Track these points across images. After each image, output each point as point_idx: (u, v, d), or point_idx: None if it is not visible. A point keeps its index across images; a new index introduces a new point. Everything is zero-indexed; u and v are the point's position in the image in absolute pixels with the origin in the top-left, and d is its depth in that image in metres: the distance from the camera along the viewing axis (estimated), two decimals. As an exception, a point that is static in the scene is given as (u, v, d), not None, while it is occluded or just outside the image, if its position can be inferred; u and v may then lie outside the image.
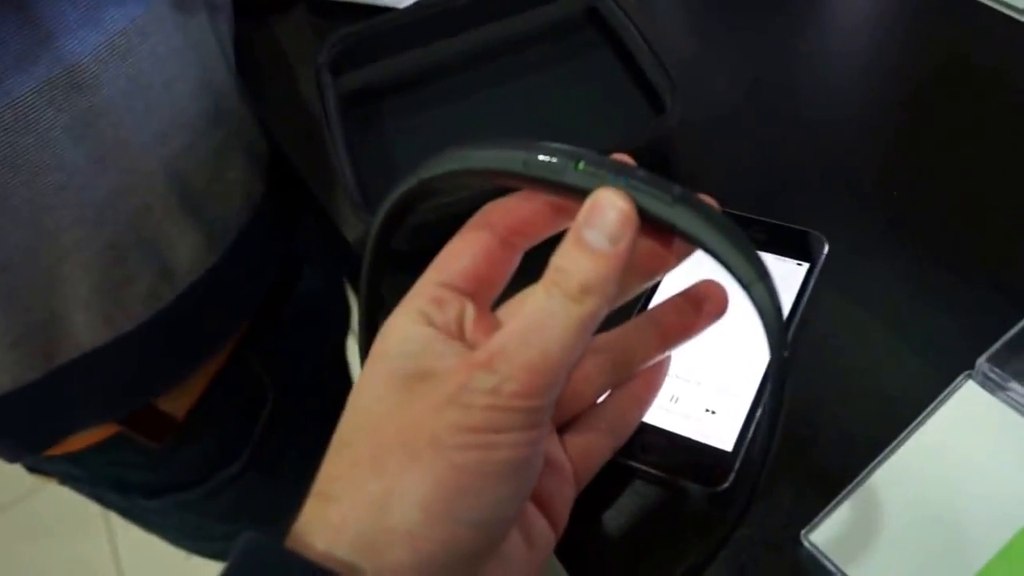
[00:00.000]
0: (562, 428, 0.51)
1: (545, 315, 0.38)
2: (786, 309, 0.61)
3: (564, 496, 0.47)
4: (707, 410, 0.59)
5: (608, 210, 0.38)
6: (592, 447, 0.50)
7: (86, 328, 0.74)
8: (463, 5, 0.80)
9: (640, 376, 0.50)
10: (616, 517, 0.57)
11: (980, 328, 0.59)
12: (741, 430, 0.57)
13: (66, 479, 0.92)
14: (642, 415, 0.52)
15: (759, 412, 0.58)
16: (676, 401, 0.59)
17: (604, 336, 0.49)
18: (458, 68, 0.81)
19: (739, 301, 0.60)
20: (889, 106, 0.78)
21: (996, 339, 0.58)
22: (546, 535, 0.45)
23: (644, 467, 0.57)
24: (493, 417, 0.37)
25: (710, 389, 0.60)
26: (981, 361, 0.57)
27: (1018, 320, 0.59)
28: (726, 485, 0.55)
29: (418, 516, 0.36)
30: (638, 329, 0.49)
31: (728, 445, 0.57)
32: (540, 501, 0.46)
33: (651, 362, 0.50)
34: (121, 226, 0.72)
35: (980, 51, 0.81)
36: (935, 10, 0.86)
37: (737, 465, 0.56)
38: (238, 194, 0.83)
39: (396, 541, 0.36)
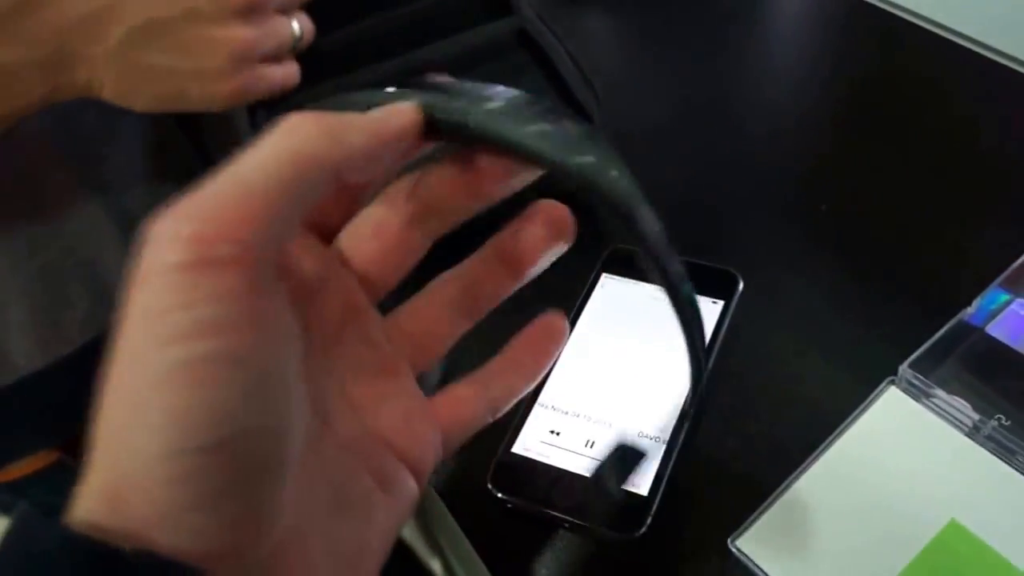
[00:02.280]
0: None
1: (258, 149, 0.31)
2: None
3: (426, 442, 0.39)
4: None
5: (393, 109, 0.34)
6: (464, 402, 0.42)
7: (22, 352, 0.72)
8: (391, 30, 0.80)
9: (526, 339, 0.44)
10: (529, 567, 0.56)
11: (902, 336, 0.60)
12: (657, 474, 0.57)
13: (4, 509, 0.89)
14: (525, 386, 0.43)
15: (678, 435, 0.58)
16: (591, 445, 0.59)
17: (448, 272, 0.42)
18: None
19: (648, 343, 0.63)
20: (812, 122, 0.80)
21: (918, 346, 0.59)
22: (407, 486, 0.38)
23: (557, 514, 0.56)
24: (180, 283, 0.27)
25: (625, 432, 0.59)
26: (903, 367, 0.58)
27: (939, 328, 0.60)
28: (643, 530, 0.55)
29: (139, 455, 0.28)
30: (482, 260, 0.42)
31: (644, 489, 0.56)
32: (398, 442, 0.38)
33: (503, 295, 0.42)
34: (56, 250, 0.71)
35: (905, 68, 0.84)
36: (858, 28, 0.88)
37: (654, 510, 0.55)
38: None
39: (131, 489, 0.28)
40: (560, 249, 0.40)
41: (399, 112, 0.34)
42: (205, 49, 0.57)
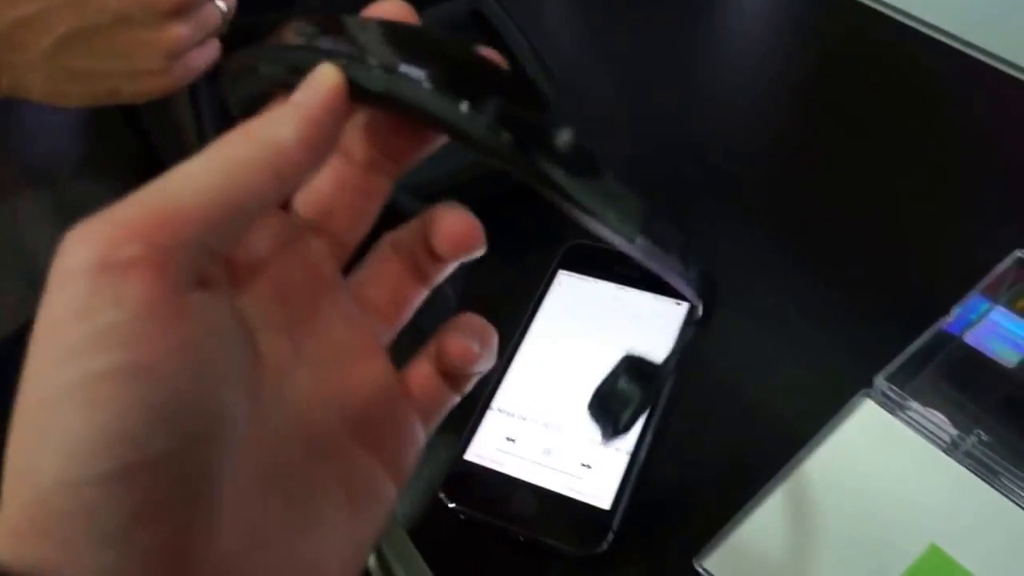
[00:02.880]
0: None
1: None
2: (667, 352, 0.59)
3: (406, 430, 0.36)
4: (583, 464, 0.55)
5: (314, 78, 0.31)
6: (428, 379, 0.37)
7: None
8: (340, 7, 0.77)
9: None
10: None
11: (878, 346, 0.57)
12: (620, 486, 0.53)
13: None
14: (481, 349, 0.37)
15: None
16: (549, 454, 0.56)
17: (393, 233, 0.38)
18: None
19: (609, 344, 0.59)
20: (789, 123, 0.78)
21: (894, 357, 0.56)
22: (383, 492, 0.34)
23: (513, 527, 0.53)
24: (82, 289, 0.25)
25: (586, 441, 0.56)
26: (879, 379, 0.55)
27: (916, 337, 0.57)
28: (604, 547, 0.51)
29: (40, 486, 0.25)
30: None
31: (606, 503, 0.53)
32: (376, 435, 0.34)
33: None
34: None
35: (872, 59, 0.81)
36: (830, 23, 0.86)
37: (615, 525, 0.52)
38: (113, 202, 0.79)
39: (34, 525, 0.25)
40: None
41: (320, 87, 0.30)
42: (137, 52, 0.56)
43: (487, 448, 0.56)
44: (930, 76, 0.80)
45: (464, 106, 0.29)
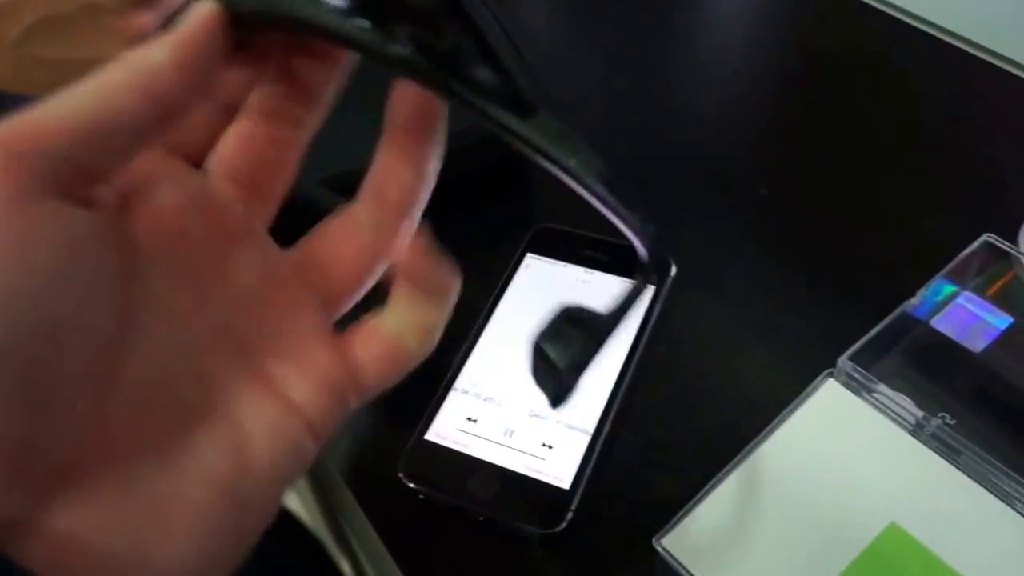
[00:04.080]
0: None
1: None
2: (631, 333, 0.58)
3: (328, 390, 0.34)
4: (544, 444, 0.54)
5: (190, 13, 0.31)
6: (377, 332, 0.36)
7: None
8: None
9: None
10: (442, 564, 0.53)
11: (844, 328, 0.57)
12: (580, 466, 0.53)
13: None
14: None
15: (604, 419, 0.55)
16: (510, 435, 0.55)
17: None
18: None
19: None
20: (754, 105, 0.78)
21: (858, 340, 0.56)
22: (273, 418, 0.32)
23: (473, 507, 0.52)
24: None
25: (548, 422, 0.55)
26: (843, 359, 0.55)
27: (880, 320, 0.56)
28: (563, 526, 0.51)
29: None
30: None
31: (566, 483, 0.53)
32: (294, 390, 0.33)
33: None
34: None
35: (851, 52, 0.81)
36: (803, 10, 0.86)
37: (575, 504, 0.52)
38: None
39: None
40: None
41: (196, 14, 0.31)
42: (104, 40, 0.56)
43: (448, 428, 0.55)
44: (904, 65, 0.80)
45: (342, 6, 0.29)
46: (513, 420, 0.55)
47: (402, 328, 0.36)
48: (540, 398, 0.54)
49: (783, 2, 0.88)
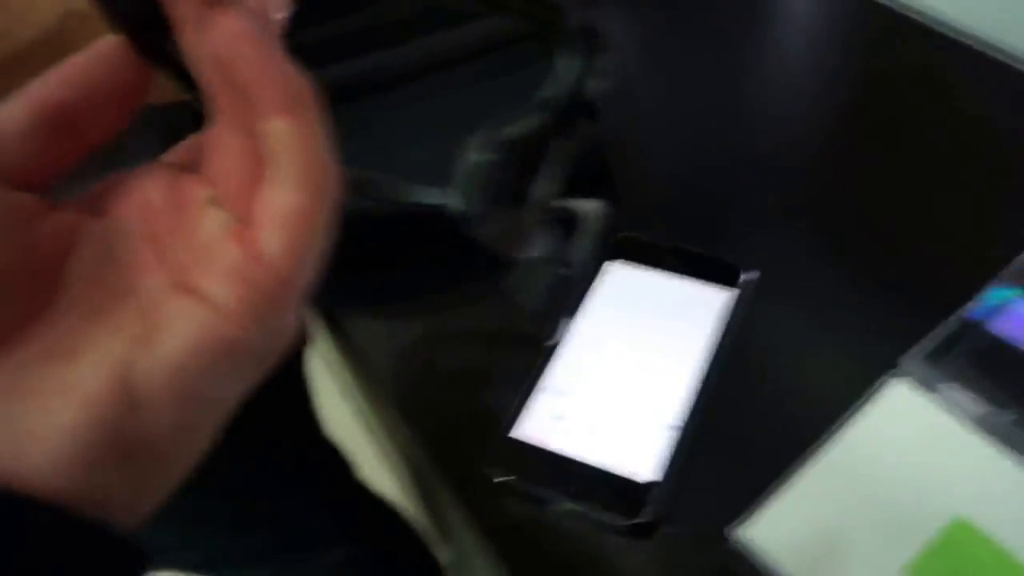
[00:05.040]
0: None
1: None
2: (711, 335, 0.62)
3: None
4: (627, 440, 0.58)
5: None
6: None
7: None
8: (402, 18, 0.79)
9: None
10: (533, 553, 0.56)
11: (909, 329, 0.60)
12: (662, 460, 0.56)
13: None
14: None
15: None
16: (595, 431, 0.59)
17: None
18: (407, 76, 0.80)
19: (654, 329, 0.63)
20: (819, 117, 0.81)
21: (921, 340, 0.59)
22: (185, 308, 0.32)
23: (560, 500, 0.56)
24: None
25: (631, 418, 0.59)
26: (905, 359, 0.58)
27: (940, 323, 0.60)
28: (645, 517, 0.54)
29: None
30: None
31: (648, 476, 0.56)
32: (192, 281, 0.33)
33: None
34: None
35: (912, 67, 0.84)
36: (867, 27, 0.89)
37: (657, 497, 0.55)
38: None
39: None
40: None
41: (93, 47, 0.34)
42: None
43: (534, 426, 0.59)
44: (964, 78, 0.83)
45: None
46: (597, 417, 0.59)
47: (281, 180, 0.33)
48: (623, 396, 0.58)
49: (843, 21, 0.90)
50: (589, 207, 0.34)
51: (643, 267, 0.67)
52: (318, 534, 0.93)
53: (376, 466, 1.33)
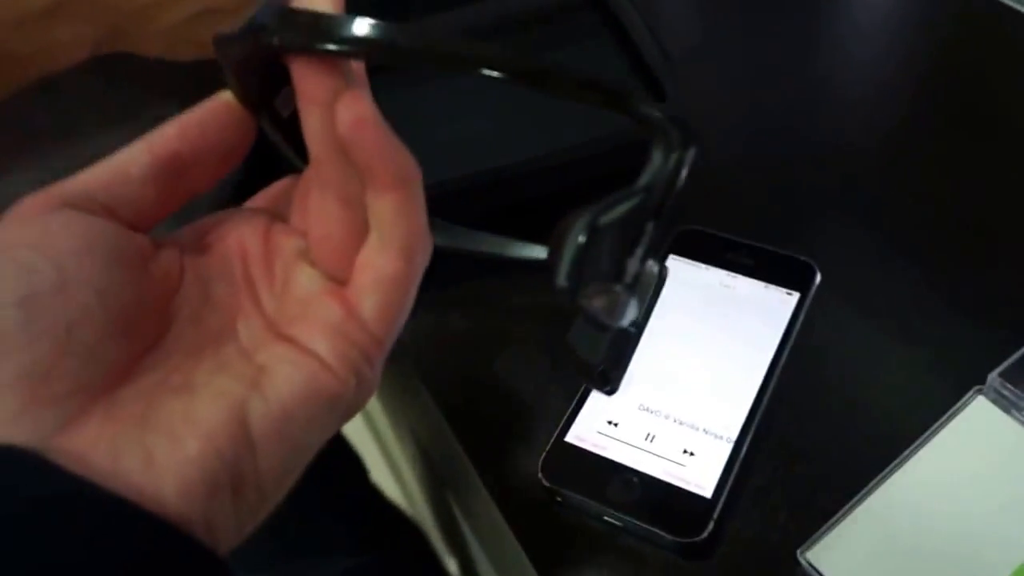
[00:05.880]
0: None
1: None
2: (775, 341, 0.58)
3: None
4: (685, 451, 0.54)
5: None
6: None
7: None
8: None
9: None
10: (578, 568, 0.53)
11: (992, 343, 0.56)
12: (722, 475, 0.53)
13: None
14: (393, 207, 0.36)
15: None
16: (651, 440, 0.55)
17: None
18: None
19: (716, 332, 0.59)
20: (907, 113, 0.76)
21: (1009, 355, 0.55)
22: (292, 357, 0.36)
23: (612, 511, 0.52)
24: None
25: (689, 428, 0.55)
26: (993, 376, 0.54)
27: (1030, 338, 0.56)
28: (704, 536, 0.51)
29: None
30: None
31: (707, 491, 0.52)
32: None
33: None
34: None
35: (1010, 63, 0.79)
36: (962, 18, 0.84)
37: (717, 514, 0.51)
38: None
39: None
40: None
41: (212, 100, 0.38)
42: None
43: (588, 431, 0.56)
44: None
45: None
46: (654, 425, 0.55)
47: (384, 249, 0.37)
48: (681, 403, 0.55)
49: (925, 7, 0.86)
50: (656, 270, 0.37)
51: (706, 264, 0.63)
52: (327, 541, 0.92)
53: (386, 472, 1.32)
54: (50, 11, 0.52)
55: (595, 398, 0.57)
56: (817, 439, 0.55)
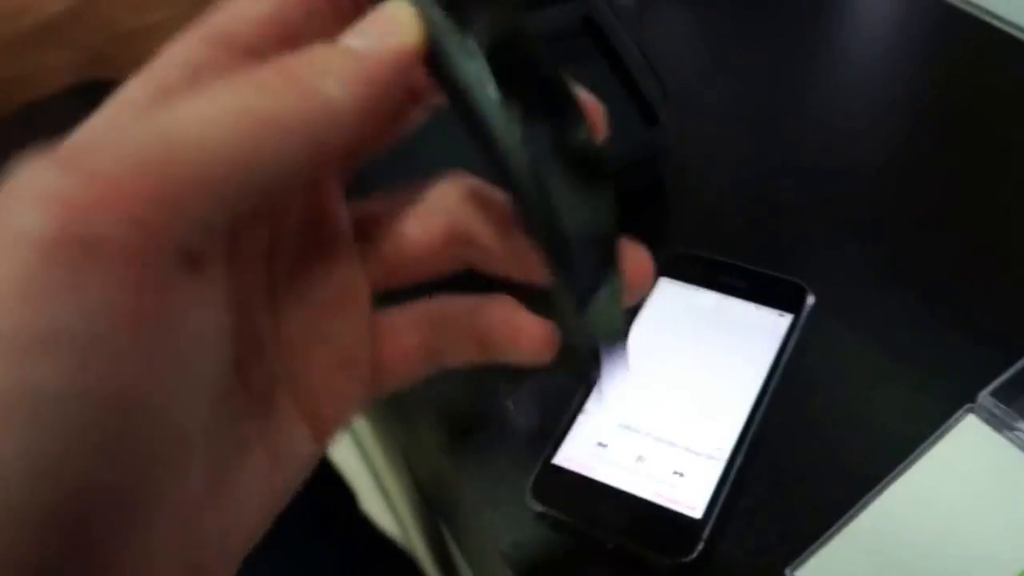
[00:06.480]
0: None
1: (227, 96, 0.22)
2: (767, 362, 0.58)
3: (341, 390, 0.31)
4: (675, 472, 0.54)
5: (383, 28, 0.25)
6: (403, 347, 0.34)
7: None
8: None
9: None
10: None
11: (983, 362, 0.56)
12: (712, 495, 0.52)
13: None
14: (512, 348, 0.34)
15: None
16: (641, 461, 0.55)
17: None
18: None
19: (706, 354, 0.59)
20: (893, 131, 0.77)
21: (1000, 374, 0.55)
22: (303, 445, 0.30)
23: (602, 534, 0.52)
24: (31, 266, 0.19)
25: (679, 449, 0.55)
26: (983, 395, 0.54)
27: (1020, 357, 0.55)
28: (694, 556, 0.50)
29: None
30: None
31: (697, 512, 0.52)
32: (302, 393, 0.30)
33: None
34: None
35: (995, 81, 0.79)
36: (946, 35, 0.84)
37: (706, 534, 0.51)
38: None
39: None
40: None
41: (393, 38, 0.24)
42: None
43: (577, 452, 0.55)
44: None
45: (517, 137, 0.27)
46: (644, 446, 0.55)
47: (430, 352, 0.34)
48: (671, 424, 0.54)
49: (920, 28, 0.86)
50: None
51: (696, 286, 0.63)
52: (317, 567, 0.91)
53: (378, 499, 1.32)
54: (38, 36, 0.53)
55: (583, 420, 0.57)
56: (807, 459, 0.55)
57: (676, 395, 0.57)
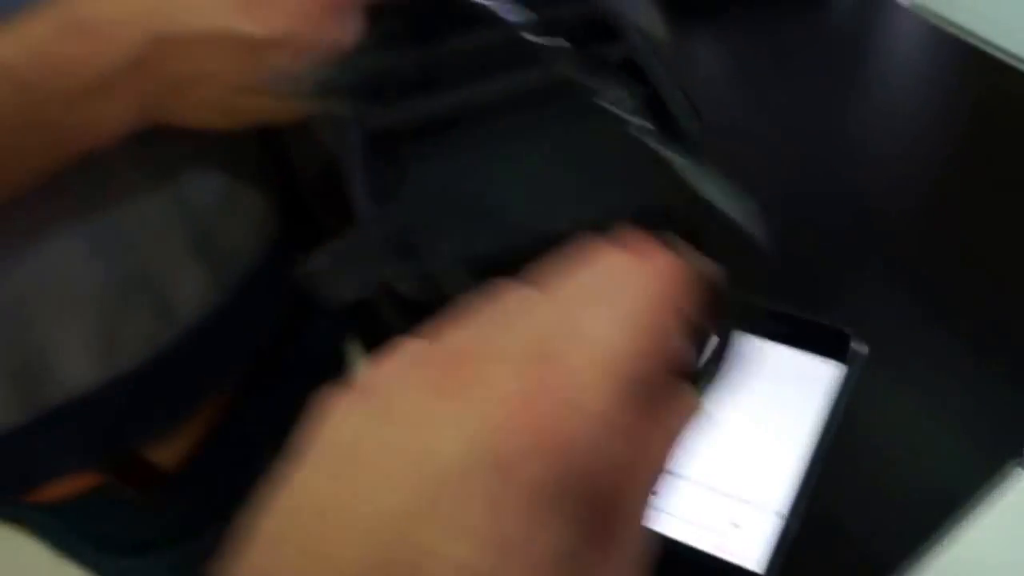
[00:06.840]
0: None
1: None
2: (818, 413, 0.58)
3: None
4: (732, 523, 0.55)
5: None
6: None
7: (76, 369, 0.69)
8: (497, 46, 0.77)
9: None
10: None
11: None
12: (770, 547, 0.53)
13: (39, 531, 0.86)
14: None
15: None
16: (697, 512, 0.55)
17: None
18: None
19: (764, 407, 0.59)
20: (934, 178, 0.77)
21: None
22: None
23: None
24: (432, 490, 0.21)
25: (734, 500, 0.55)
26: (1031, 449, 0.55)
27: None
28: None
29: None
30: None
31: (755, 564, 0.53)
32: None
33: None
34: (119, 261, 0.68)
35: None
36: (981, 81, 0.84)
37: None
38: (250, 230, 0.79)
39: None
40: None
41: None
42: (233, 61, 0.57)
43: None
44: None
45: None
46: (700, 497, 0.56)
47: None
48: (726, 475, 0.55)
49: (954, 71, 0.86)
50: None
51: (746, 334, 0.63)
52: None
53: None
54: (99, 87, 0.53)
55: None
56: (859, 513, 0.56)
57: (729, 448, 0.58)
